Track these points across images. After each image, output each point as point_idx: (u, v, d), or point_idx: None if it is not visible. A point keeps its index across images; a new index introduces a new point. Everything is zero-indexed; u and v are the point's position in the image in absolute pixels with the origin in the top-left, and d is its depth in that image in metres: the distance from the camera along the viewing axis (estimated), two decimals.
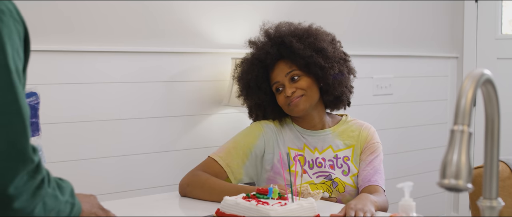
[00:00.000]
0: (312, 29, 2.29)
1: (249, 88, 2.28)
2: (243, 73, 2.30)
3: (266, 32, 2.29)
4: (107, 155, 2.78)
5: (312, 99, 2.20)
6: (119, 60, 2.80)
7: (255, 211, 1.68)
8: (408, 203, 1.37)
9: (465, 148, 1.06)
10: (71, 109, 2.67)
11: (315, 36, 2.24)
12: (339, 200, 2.15)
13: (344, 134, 2.26)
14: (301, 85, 2.19)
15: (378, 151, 2.24)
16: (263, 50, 2.24)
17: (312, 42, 2.21)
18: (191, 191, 2.09)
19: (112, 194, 2.77)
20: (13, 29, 1.14)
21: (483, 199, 1.19)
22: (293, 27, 2.28)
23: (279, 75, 2.22)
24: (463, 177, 1.05)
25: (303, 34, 2.24)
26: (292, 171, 2.13)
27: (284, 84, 2.20)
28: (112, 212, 1.61)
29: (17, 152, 1.12)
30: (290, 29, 2.26)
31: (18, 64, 1.15)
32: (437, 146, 4.16)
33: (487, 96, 1.16)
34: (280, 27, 2.29)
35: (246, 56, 2.31)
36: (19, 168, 1.13)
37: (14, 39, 1.14)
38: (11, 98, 1.12)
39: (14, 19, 1.16)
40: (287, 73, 2.20)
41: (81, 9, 2.67)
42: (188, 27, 3.00)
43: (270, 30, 2.29)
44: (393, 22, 3.91)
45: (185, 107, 3.00)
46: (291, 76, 2.20)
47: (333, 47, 2.26)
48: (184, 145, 3.01)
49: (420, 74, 4.08)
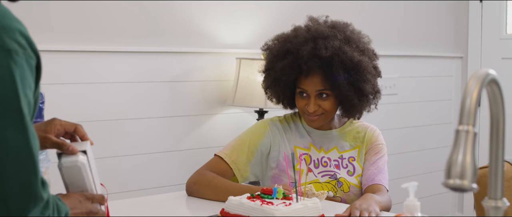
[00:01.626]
0: (363, 63, 2.11)
1: (276, 80, 2.17)
2: (277, 61, 2.16)
3: (316, 42, 2.10)
4: (111, 155, 2.78)
5: (328, 117, 2.17)
6: (123, 60, 2.80)
7: (259, 211, 1.68)
8: (413, 203, 1.37)
9: (470, 148, 1.05)
10: (75, 109, 2.67)
11: (362, 73, 2.10)
12: (344, 200, 2.15)
13: (350, 135, 2.25)
14: (325, 106, 2.12)
15: (383, 152, 2.23)
16: (307, 56, 2.08)
17: (356, 80, 2.10)
18: (197, 190, 2.10)
19: (116, 194, 2.77)
20: (25, 67, 1.15)
21: (488, 199, 1.18)
22: (345, 52, 2.09)
23: (309, 85, 2.11)
24: (468, 177, 1.04)
25: (351, 67, 2.08)
26: (297, 169, 2.13)
27: (309, 95, 2.12)
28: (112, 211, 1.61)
29: (28, 193, 1.15)
30: (341, 50, 2.09)
31: (30, 97, 1.17)
32: (441, 146, 4.16)
33: (492, 96, 1.15)
34: (331, 36, 2.11)
35: (289, 47, 2.13)
36: (30, 207, 1.15)
37: (26, 77, 1.15)
38: (23, 142, 1.14)
39: (28, 55, 1.16)
40: (318, 90, 2.11)
41: (87, 9, 2.67)
42: (192, 27, 3.00)
43: (323, 34, 2.11)
44: (397, 22, 3.90)
45: (189, 107, 3.01)
46: (321, 93, 2.12)
47: (373, 82, 2.15)
48: (188, 145, 3.01)
49: (424, 74, 4.08)
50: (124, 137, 2.82)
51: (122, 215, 1.86)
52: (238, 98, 3.01)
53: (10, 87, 1.12)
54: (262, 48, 2.28)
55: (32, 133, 1.16)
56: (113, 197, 2.74)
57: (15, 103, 1.13)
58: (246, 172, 2.18)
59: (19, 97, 1.13)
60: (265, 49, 2.26)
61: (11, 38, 1.13)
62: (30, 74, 1.17)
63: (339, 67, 2.06)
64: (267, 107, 2.96)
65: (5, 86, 1.11)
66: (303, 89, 2.13)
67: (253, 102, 2.97)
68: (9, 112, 1.12)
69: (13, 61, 1.13)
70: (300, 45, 2.11)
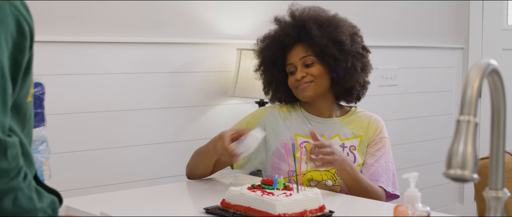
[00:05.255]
0: (336, 18, 2.29)
1: (265, 64, 2.31)
2: (262, 49, 2.32)
3: (292, 13, 2.30)
4: (111, 146, 2.78)
5: (320, 87, 2.21)
6: (123, 51, 2.80)
7: (260, 201, 1.68)
8: (413, 193, 1.37)
9: (471, 138, 1.05)
10: (75, 100, 2.67)
11: (336, 27, 2.24)
12: (343, 188, 2.15)
13: (353, 124, 2.26)
14: (312, 71, 2.21)
15: (386, 147, 2.24)
16: (284, 30, 2.26)
17: (331, 32, 2.22)
18: (190, 166, 2.22)
19: (116, 185, 2.77)
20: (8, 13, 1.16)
21: (489, 189, 1.18)
22: (317, 13, 2.28)
23: (294, 57, 2.24)
24: (469, 168, 1.04)
25: (324, 22, 2.25)
26: (297, 157, 2.14)
27: (296, 67, 2.23)
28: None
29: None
30: (314, 15, 2.27)
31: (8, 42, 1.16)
32: (442, 137, 4.16)
33: (493, 87, 1.15)
34: (306, 11, 2.30)
35: (269, 32, 2.33)
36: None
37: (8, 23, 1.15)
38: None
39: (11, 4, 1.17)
40: (301, 57, 2.23)
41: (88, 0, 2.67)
42: (192, 18, 2.99)
43: (296, 12, 2.30)
44: (398, 13, 3.89)
45: (189, 98, 3.00)
46: (305, 61, 2.22)
47: (352, 41, 2.25)
48: (189, 136, 3.01)
49: (425, 65, 4.07)
50: (124, 128, 2.81)
51: (121, 205, 1.86)
52: (239, 89, 3.01)
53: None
54: (255, 53, 2.39)
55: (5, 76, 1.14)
56: (113, 188, 2.74)
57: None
58: (244, 157, 2.20)
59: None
60: (257, 50, 2.37)
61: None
62: (12, 20, 1.16)
63: (312, 27, 2.21)
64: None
65: None
66: (290, 63, 2.24)
67: (254, 93, 2.96)
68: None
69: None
70: (281, 28, 2.28)
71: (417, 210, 1.35)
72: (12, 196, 1.14)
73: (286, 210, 1.66)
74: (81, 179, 2.68)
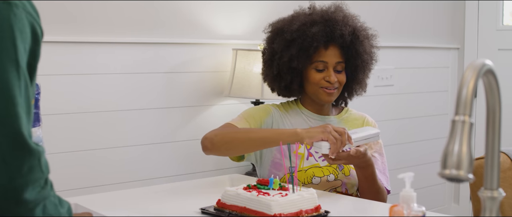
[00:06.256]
0: (372, 33, 2.28)
1: (297, 45, 2.16)
2: (279, 46, 2.18)
3: (331, 14, 2.19)
4: (107, 146, 2.78)
5: (339, 93, 2.24)
6: (119, 51, 2.79)
7: (256, 202, 1.68)
8: (409, 193, 1.37)
9: (467, 138, 1.05)
10: (71, 100, 2.66)
11: (374, 44, 2.27)
12: (345, 183, 2.16)
13: (349, 122, 2.28)
14: (341, 79, 2.19)
15: (381, 146, 2.26)
16: (335, 26, 2.15)
17: (370, 48, 2.24)
18: (221, 139, 2.06)
19: (111, 185, 2.77)
20: (25, 22, 1.16)
21: (484, 189, 1.18)
22: (361, 23, 2.26)
23: (330, 57, 2.16)
24: (464, 168, 1.04)
25: (370, 36, 2.25)
26: (299, 153, 2.14)
27: (327, 68, 2.16)
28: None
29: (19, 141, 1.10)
30: (360, 24, 2.25)
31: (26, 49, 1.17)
32: (437, 137, 4.16)
33: (489, 87, 1.15)
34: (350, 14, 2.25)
35: (311, 18, 2.19)
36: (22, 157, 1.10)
37: (25, 31, 1.16)
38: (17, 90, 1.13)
39: (27, 12, 1.17)
40: (338, 61, 2.17)
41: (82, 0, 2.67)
42: (189, 18, 2.99)
43: (340, 12, 2.22)
44: (394, 13, 3.90)
45: (185, 98, 3.00)
46: (339, 66, 2.18)
47: (374, 57, 2.29)
48: (184, 136, 3.01)
49: (421, 65, 4.08)
50: (120, 128, 2.81)
51: (117, 205, 1.86)
52: (235, 89, 3.01)
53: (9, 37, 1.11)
54: (265, 31, 2.29)
55: (26, 83, 1.14)
56: (109, 188, 2.74)
57: (11, 53, 1.12)
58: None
59: (17, 47, 1.12)
60: (272, 33, 2.24)
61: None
62: (28, 29, 1.17)
63: (365, 41, 2.19)
64: (264, 98, 2.96)
65: (4, 36, 1.11)
66: (323, 61, 2.15)
67: (250, 93, 2.97)
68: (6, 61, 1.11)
69: (13, 13, 1.13)
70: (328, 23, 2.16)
71: (413, 210, 1.35)
72: (42, 205, 1.15)
73: (282, 210, 1.66)
74: (77, 179, 2.68)
